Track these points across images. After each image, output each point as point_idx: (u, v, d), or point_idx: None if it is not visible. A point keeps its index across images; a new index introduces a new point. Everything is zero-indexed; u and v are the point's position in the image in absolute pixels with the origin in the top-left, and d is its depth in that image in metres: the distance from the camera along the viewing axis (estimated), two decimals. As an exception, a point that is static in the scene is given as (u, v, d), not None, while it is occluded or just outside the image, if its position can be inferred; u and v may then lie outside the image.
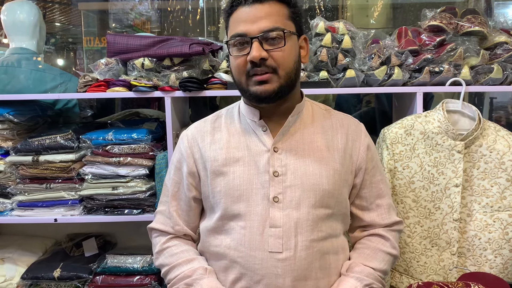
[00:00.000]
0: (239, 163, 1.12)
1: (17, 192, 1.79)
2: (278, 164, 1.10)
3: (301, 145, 1.13)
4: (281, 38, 1.04)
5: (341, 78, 1.66)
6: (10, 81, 1.87)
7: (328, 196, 1.11)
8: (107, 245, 2.06)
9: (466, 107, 1.55)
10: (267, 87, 1.05)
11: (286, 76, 1.06)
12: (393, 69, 1.65)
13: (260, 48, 1.02)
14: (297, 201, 1.08)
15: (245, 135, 1.15)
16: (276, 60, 1.04)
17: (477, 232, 1.49)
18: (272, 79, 1.05)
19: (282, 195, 1.08)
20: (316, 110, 1.21)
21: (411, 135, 1.53)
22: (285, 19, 1.06)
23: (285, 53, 1.04)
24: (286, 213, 1.08)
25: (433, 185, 1.51)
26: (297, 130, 1.14)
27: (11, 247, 1.98)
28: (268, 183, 1.09)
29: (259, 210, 1.09)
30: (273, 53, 1.03)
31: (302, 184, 1.09)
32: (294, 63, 1.08)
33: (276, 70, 1.04)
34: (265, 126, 1.13)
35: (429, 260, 1.52)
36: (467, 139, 1.48)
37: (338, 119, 1.21)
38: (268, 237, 1.07)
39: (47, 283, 1.81)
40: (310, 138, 1.14)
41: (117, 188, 1.75)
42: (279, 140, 1.12)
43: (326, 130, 1.17)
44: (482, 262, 1.49)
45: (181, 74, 1.72)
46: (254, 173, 1.11)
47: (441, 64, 1.64)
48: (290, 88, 1.09)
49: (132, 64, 1.76)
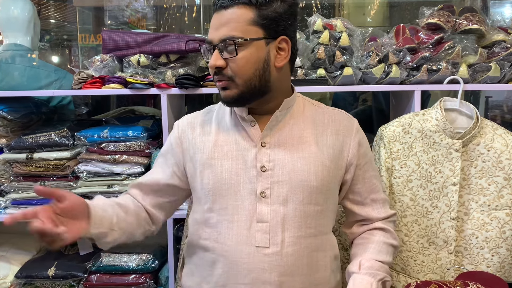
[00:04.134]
0: (227, 157, 1.11)
1: (11, 190, 1.77)
2: (265, 159, 1.09)
3: (290, 140, 1.12)
4: (234, 47, 1.02)
5: (339, 76, 1.66)
6: (4, 78, 1.85)
7: (316, 193, 1.10)
8: (102, 244, 2.04)
9: (464, 106, 1.55)
10: (228, 93, 1.06)
11: (245, 84, 1.05)
12: (391, 67, 1.65)
13: (217, 57, 1.03)
14: (285, 197, 1.08)
15: (234, 129, 1.14)
16: (232, 69, 1.04)
17: (474, 231, 1.49)
18: (231, 86, 1.05)
19: (269, 190, 1.08)
20: (307, 106, 1.19)
21: (409, 133, 1.52)
22: (247, 24, 1.02)
23: (238, 62, 1.03)
24: (273, 208, 1.08)
25: (431, 184, 1.50)
26: (286, 125, 1.13)
27: (5, 245, 1.96)
28: (255, 178, 1.09)
29: (246, 204, 1.08)
30: (229, 62, 1.03)
31: (290, 180, 1.09)
32: (255, 70, 1.04)
33: (233, 78, 1.04)
34: (253, 121, 1.12)
35: (426, 259, 1.51)
36: (465, 137, 1.48)
37: (330, 114, 1.19)
38: (255, 232, 1.07)
39: (41, 281, 1.79)
40: (299, 133, 1.13)
41: (112, 186, 1.74)
42: (267, 134, 1.11)
43: (317, 125, 1.16)
44: (479, 261, 1.49)
45: (177, 71, 1.70)
46: (242, 168, 1.10)
47: (439, 62, 1.64)
48: (258, 94, 1.07)
49: (128, 61, 1.75)
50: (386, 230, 1.22)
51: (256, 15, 1.02)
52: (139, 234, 1.19)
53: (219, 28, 1.03)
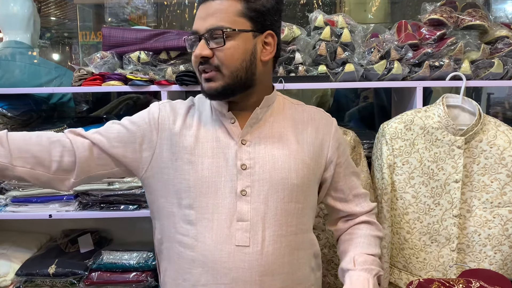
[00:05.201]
0: (207, 154, 1.10)
1: (11, 188, 1.76)
2: (246, 157, 1.09)
3: (270, 138, 1.12)
4: (222, 36, 1.02)
5: (340, 72, 1.64)
6: (4, 75, 1.84)
7: (297, 191, 1.10)
8: (103, 241, 2.03)
9: (467, 102, 1.53)
10: (212, 84, 1.05)
11: (231, 76, 1.04)
12: (393, 63, 1.63)
13: (203, 47, 1.03)
14: (265, 195, 1.07)
15: (214, 126, 1.13)
16: (218, 58, 1.03)
17: (477, 228, 1.48)
18: (216, 77, 1.05)
19: (250, 188, 1.07)
20: (287, 104, 1.20)
21: (411, 130, 1.51)
22: (235, 15, 1.02)
23: (226, 52, 1.02)
24: (253, 206, 1.07)
25: (433, 181, 1.50)
26: (266, 122, 1.13)
27: (5, 243, 1.95)
28: (236, 176, 1.08)
29: (226, 203, 1.07)
30: (216, 51, 1.03)
31: (270, 178, 1.08)
32: (242, 61, 1.04)
33: (219, 68, 1.04)
34: (233, 118, 1.11)
35: (429, 256, 1.50)
36: (467, 134, 1.47)
37: (309, 113, 1.20)
38: (236, 231, 1.06)
39: (42, 279, 1.78)
40: (280, 131, 1.13)
41: (112, 183, 1.73)
42: (247, 132, 1.11)
43: (297, 123, 1.16)
44: (482, 258, 1.48)
45: (177, 68, 1.69)
46: (223, 166, 1.09)
47: (441, 59, 1.63)
48: (243, 87, 1.07)
49: (128, 58, 1.74)
50: (371, 222, 1.24)
51: (244, 7, 1.03)
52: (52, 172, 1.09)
53: (206, 19, 1.03)
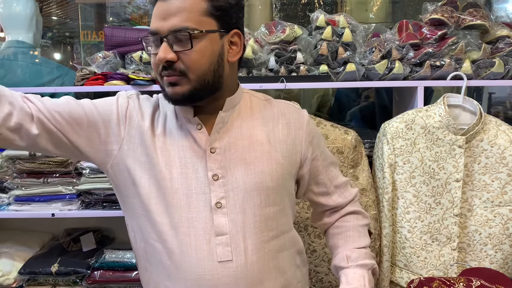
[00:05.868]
0: (175, 164, 1.01)
1: (14, 187, 1.77)
2: (216, 166, 1.01)
3: (240, 142, 1.04)
4: (188, 39, 0.92)
5: (342, 72, 1.65)
6: (6, 75, 1.85)
7: (273, 193, 1.04)
8: (105, 240, 2.04)
9: (467, 102, 1.54)
10: (177, 89, 0.96)
11: (198, 80, 0.96)
12: (394, 63, 1.64)
13: (167, 50, 0.93)
14: (241, 203, 1.01)
15: (180, 133, 1.04)
16: (184, 62, 0.94)
17: (478, 227, 1.49)
18: (181, 82, 0.96)
19: (225, 199, 1.00)
20: (254, 102, 1.12)
21: (412, 129, 1.51)
22: (200, 15, 0.94)
23: (193, 55, 0.94)
24: (231, 218, 1.00)
25: (434, 180, 1.50)
26: (234, 125, 1.05)
27: (8, 242, 1.96)
28: (208, 188, 1.00)
29: (202, 217, 0.99)
30: (181, 55, 0.94)
31: (244, 185, 1.01)
32: (210, 64, 0.96)
33: (185, 73, 0.95)
34: (200, 124, 1.03)
35: (429, 255, 1.51)
36: (468, 133, 1.47)
37: (279, 108, 1.12)
38: (216, 246, 0.99)
39: (44, 278, 1.80)
40: (250, 132, 1.06)
41: (115, 182, 1.73)
42: (215, 139, 1.03)
43: (267, 121, 1.09)
44: (483, 257, 1.48)
45: (179, 67, 1.70)
46: (193, 177, 1.00)
47: (442, 58, 1.63)
48: (210, 90, 0.99)
49: (130, 57, 1.74)
50: (356, 212, 1.22)
51: (210, 5, 0.95)
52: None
53: (168, 18, 0.93)
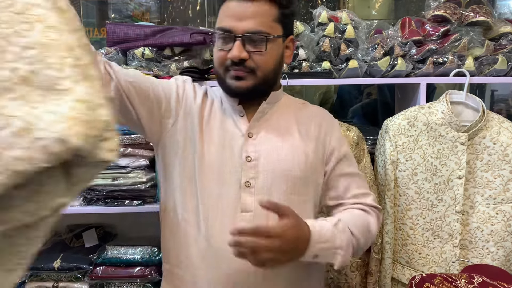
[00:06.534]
0: (215, 143, 1.12)
1: (16, 183, 1.77)
2: (251, 149, 1.11)
3: (276, 131, 1.15)
4: (263, 42, 1.05)
5: (344, 68, 1.65)
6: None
7: (300, 183, 1.12)
8: (108, 236, 2.05)
9: (470, 98, 1.54)
10: (242, 83, 1.08)
11: (263, 77, 1.08)
12: (397, 59, 1.64)
13: (241, 49, 1.04)
14: (269, 187, 1.10)
15: (224, 117, 1.16)
16: (255, 62, 1.06)
17: (480, 224, 1.49)
18: (248, 77, 1.07)
19: (254, 180, 1.09)
20: (292, 102, 1.24)
21: (414, 126, 1.51)
22: (272, 21, 1.06)
23: (265, 57, 1.07)
24: (257, 198, 1.08)
25: (436, 177, 1.50)
26: (273, 116, 1.17)
27: (11, 238, 1.97)
28: (240, 168, 1.10)
29: (230, 193, 1.09)
30: (253, 55, 1.06)
31: (274, 170, 1.10)
32: (274, 65, 1.10)
33: (254, 71, 1.07)
34: (242, 112, 1.15)
35: (431, 252, 1.51)
36: (471, 130, 1.47)
37: (313, 111, 1.24)
38: (239, 222, 1.07)
39: (47, 273, 1.80)
40: (285, 125, 1.16)
41: (117, 179, 1.74)
42: (254, 126, 1.14)
43: (301, 119, 1.19)
44: (485, 254, 1.48)
45: (181, 64, 1.70)
46: (228, 157, 1.11)
47: (445, 55, 1.63)
48: (267, 88, 1.13)
49: (132, 54, 1.74)
50: (368, 212, 1.17)
51: (279, 13, 1.07)
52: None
53: (244, 20, 1.04)
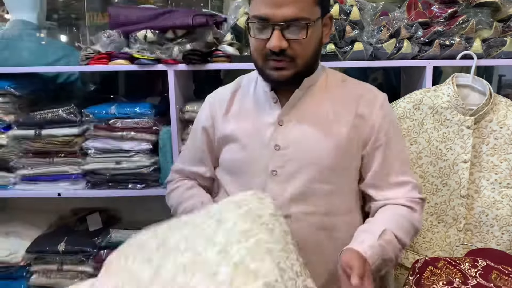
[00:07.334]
0: (245, 134, 1.13)
1: (20, 166, 1.78)
2: (281, 138, 1.10)
3: (308, 119, 1.11)
4: (304, 29, 0.98)
5: (349, 51, 1.62)
6: (11, 54, 1.84)
7: (327, 172, 1.09)
8: (111, 220, 2.06)
9: (477, 81, 1.51)
10: (284, 73, 1.03)
11: (303, 65, 1.04)
12: (402, 42, 1.61)
13: (280, 38, 0.98)
14: (293, 174, 1.09)
15: (256, 106, 1.15)
16: (295, 50, 1.01)
17: (485, 209, 1.47)
18: (289, 67, 1.03)
19: (281, 168, 1.09)
20: (330, 81, 1.15)
21: (420, 110, 1.49)
22: (311, 4, 1.00)
23: (305, 44, 1.01)
24: (282, 186, 1.09)
25: (441, 161, 1.48)
26: (306, 103, 1.12)
27: (16, 221, 1.98)
28: (269, 156, 1.10)
29: (257, 182, 1.10)
30: (292, 42, 1.00)
31: (302, 159, 1.09)
32: (315, 50, 1.05)
33: (294, 59, 1.02)
34: (275, 98, 1.12)
35: (435, 236, 1.50)
36: (477, 114, 1.45)
37: (353, 89, 1.15)
38: None
39: (52, 256, 1.82)
40: (319, 111, 1.11)
41: (120, 162, 1.74)
42: (286, 113, 1.11)
43: (337, 101, 1.12)
44: (489, 239, 1.47)
45: (184, 46, 1.68)
46: (258, 146, 1.11)
47: (452, 37, 1.59)
48: (308, 73, 1.09)
49: (134, 37, 1.72)
50: (413, 209, 1.11)
51: None
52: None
53: (282, 7, 0.96)
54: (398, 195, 1.12)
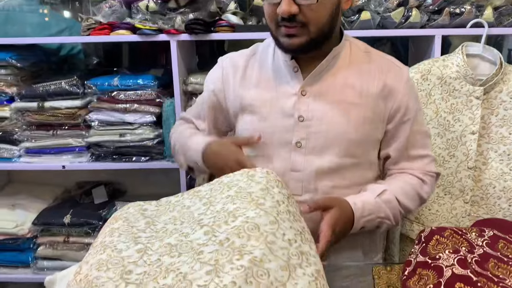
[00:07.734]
0: (266, 104, 1.08)
1: (24, 139, 1.77)
2: (304, 109, 1.05)
3: (332, 90, 1.06)
4: None
5: (356, 20, 1.58)
6: (13, 26, 1.81)
7: (354, 146, 1.06)
8: (117, 193, 2.06)
9: (487, 51, 1.47)
10: (295, 40, 0.99)
11: (317, 31, 0.98)
12: (411, 10, 1.56)
13: (290, 3, 0.94)
14: (320, 148, 1.05)
15: (276, 75, 1.10)
16: (306, 16, 0.96)
17: (492, 181, 1.45)
18: (301, 33, 0.98)
19: (305, 140, 1.06)
20: (354, 52, 1.11)
21: (428, 80, 1.46)
22: None
23: (317, 9, 0.96)
24: (307, 158, 1.06)
25: (449, 132, 1.46)
26: (330, 73, 1.07)
27: (22, 194, 2.00)
28: (292, 128, 1.06)
29: (281, 153, 1.07)
30: (304, 8, 0.95)
31: (327, 131, 1.05)
32: (329, 16, 0.99)
33: (306, 25, 0.97)
34: (296, 67, 1.06)
35: (441, 208, 1.49)
36: (487, 84, 1.41)
37: (378, 63, 1.10)
38: (289, 180, 1.05)
39: (57, 229, 1.83)
40: (343, 83, 1.06)
41: (124, 135, 1.73)
42: (309, 83, 1.06)
43: (362, 74, 1.08)
44: (496, 211, 1.46)
45: (187, 16, 1.65)
46: (280, 117, 1.07)
47: (463, 5, 1.55)
48: (323, 40, 1.02)
49: (136, 7, 1.69)
50: (424, 181, 1.12)
51: None
52: None
53: None
54: (414, 167, 1.13)
